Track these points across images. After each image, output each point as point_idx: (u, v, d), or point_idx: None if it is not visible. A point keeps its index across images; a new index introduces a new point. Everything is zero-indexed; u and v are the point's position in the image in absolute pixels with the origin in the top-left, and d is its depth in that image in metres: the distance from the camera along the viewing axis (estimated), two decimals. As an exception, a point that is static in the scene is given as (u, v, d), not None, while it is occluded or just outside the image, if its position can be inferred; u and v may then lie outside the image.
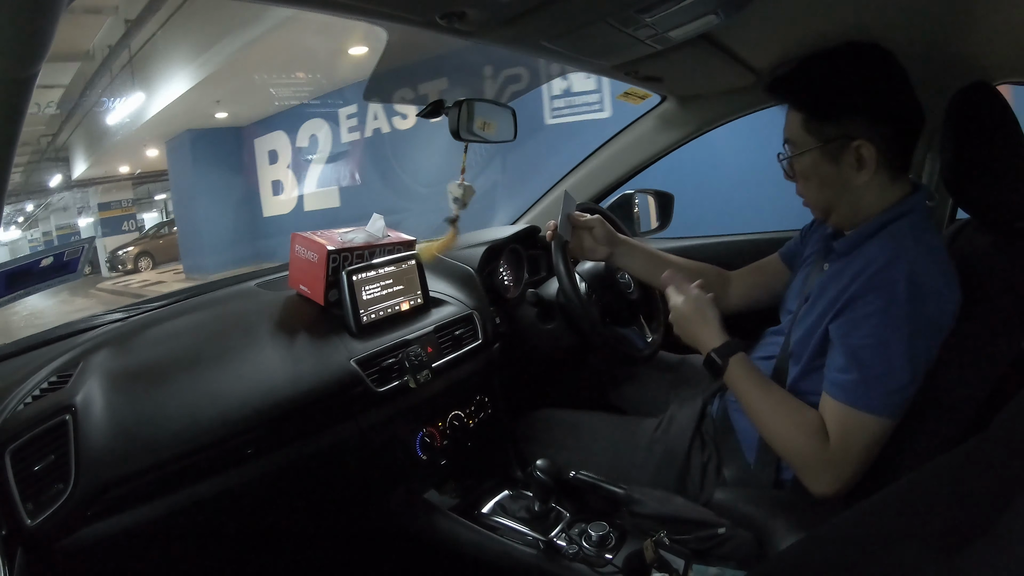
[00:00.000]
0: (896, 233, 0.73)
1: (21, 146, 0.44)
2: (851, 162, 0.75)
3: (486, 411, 1.11)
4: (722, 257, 1.40)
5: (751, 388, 0.79)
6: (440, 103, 0.94)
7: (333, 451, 0.84)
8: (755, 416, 0.78)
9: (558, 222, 0.97)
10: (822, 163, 0.77)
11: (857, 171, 0.75)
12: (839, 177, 0.77)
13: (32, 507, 0.61)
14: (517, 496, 0.97)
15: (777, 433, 0.76)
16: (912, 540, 0.37)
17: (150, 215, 16.76)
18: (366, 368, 0.88)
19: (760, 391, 0.78)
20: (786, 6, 0.82)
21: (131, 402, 0.71)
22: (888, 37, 0.85)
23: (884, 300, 0.69)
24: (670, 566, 0.75)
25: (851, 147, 0.74)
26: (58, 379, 0.73)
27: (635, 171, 1.45)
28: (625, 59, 0.96)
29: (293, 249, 0.96)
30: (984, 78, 0.85)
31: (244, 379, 0.79)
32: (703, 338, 0.84)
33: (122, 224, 14.66)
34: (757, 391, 0.78)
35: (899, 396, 0.69)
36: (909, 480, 0.44)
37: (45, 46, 0.38)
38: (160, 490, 0.68)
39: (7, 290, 0.68)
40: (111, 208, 14.58)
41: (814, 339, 0.77)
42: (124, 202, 15.01)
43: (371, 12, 0.69)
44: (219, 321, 0.89)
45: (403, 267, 1.00)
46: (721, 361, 0.81)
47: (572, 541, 0.84)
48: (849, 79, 0.76)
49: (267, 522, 0.81)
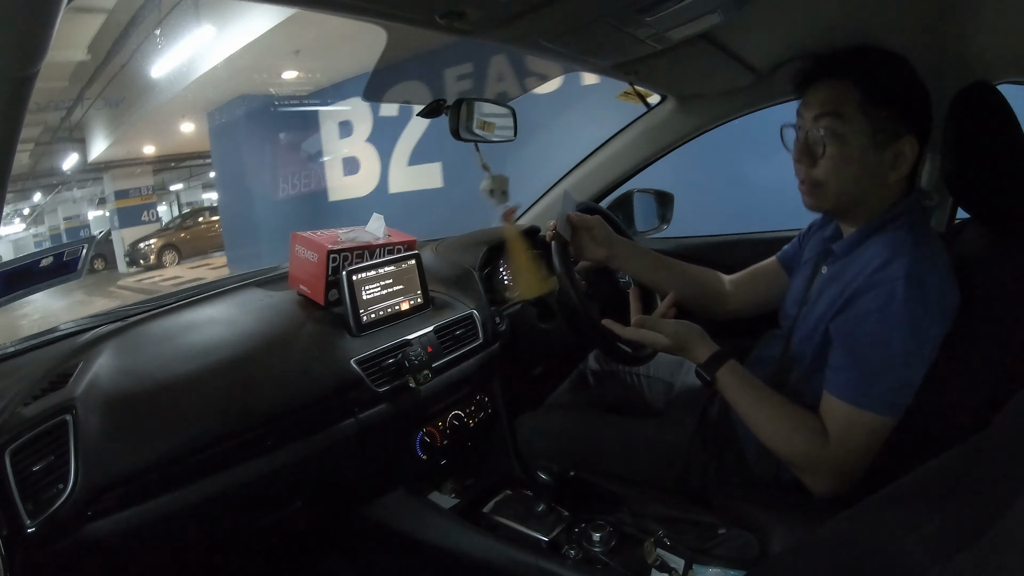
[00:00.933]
0: (895, 232, 0.73)
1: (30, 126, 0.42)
2: (890, 157, 0.73)
3: (486, 411, 1.11)
4: (721, 257, 1.40)
5: (744, 396, 0.78)
6: (440, 102, 0.94)
7: (333, 451, 0.84)
8: (752, 422, 0.77)
9: (558, 222, 0.97)
10: (868, 148, 0.73)
11: (892, 167, 0.74)
12: (877, 168, 0.74)
13: (32, 507, 0.61)
14: (517, 496, 0.97)
15: (775, 437, 0.75)
16: (912, 540, 0.37)
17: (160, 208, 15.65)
18: (366, 368, 0.88)
19: (754, 398, 0.77)
20: (786, 6, 0.82)
21: (131, 402, 0.71)
22: (888, 37, 0.85)
23: (884, 298, 0.69)
24: (670, 566, 0.76)
25: (899, 141, 0.73)
26: (58, 379, 0.73)
27: (635, 171, 1.45)
28: (625, 59, 0.96)
29: (293, 249, 0.96)
30: (984, 78, 0.85)
31: (244, 379, 0.79)
32: (692, 356, 0.82)
33: (141, 214, 13.15)
34: (751, 398, 0.77)
35: (899, 394, 0.69)
36: (909, 480, 0.44)
37: (45, 46, 0.38)
38: (159, 490, 0.68)
39: (6, 290, 0.68)
40: (129, 196, 13.01)
41: (815, 341, 0.77)
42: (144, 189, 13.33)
43: (371, 12, 0.69)
44: (219, 321, 0.89)
45: (403, 267, 1.00)
46: (711, 372, 0.79)
47: (572, 541, 0.84)
48: (907, 77, 0.74)
49: (267, 521, 0.81)
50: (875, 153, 0.73)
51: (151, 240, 11.52)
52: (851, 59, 0.76)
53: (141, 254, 11.37)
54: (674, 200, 1.44)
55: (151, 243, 11.44)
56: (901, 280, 0.68)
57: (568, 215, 0.97)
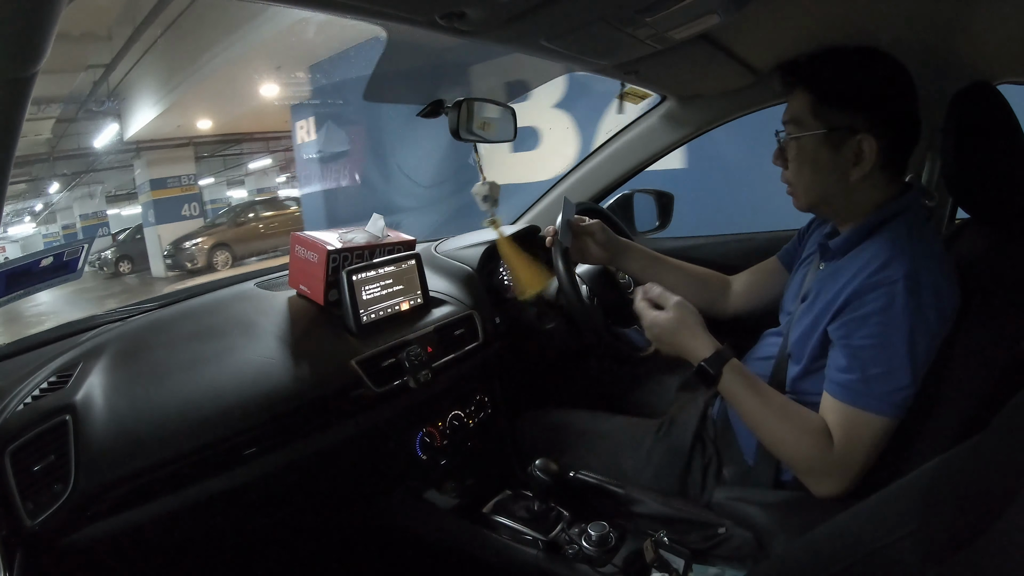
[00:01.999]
0: (893, 232, 0.73)
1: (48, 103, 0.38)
2: (850, 155, 0.75)
3: (486, 411, 1.11)
4: (722, 256, 1.41)
5: (748, 396, 0.77)
6: (440, 103, 0.94)
7: (333, 451, 0.84)
8: (754, 424, 0.77)
9: (558, 227, 0.97)
10: (822, 149, 0.77)
11: (854, 165, 0.76)
12: (835, 167, 0.77)
13: (32, 507, 0.61)
14: (517, 496, 0.97)
15: (779, 439, 0.75)
16: (911, 540, 0.37)
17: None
18: (366, 368, 0.88)
19: (758, 399, 0.76)
20: (786, 6, 0.82)
21: (131, 402, 0.71)
22: (888, 37, 0.85)
23: (884, 300, 0.69)
24: (670, 566, 0.76)
25: (854, 139, 0.75)
26: (58, 379, 0.73)
27: (635, 171, 1.45)
28: (625, 59, 0.96)
29: (293, 249, 0.96)
30: (984, 78, 0.85)
31: (244, 379, 0.79)
32: (692, 349, 0.80)
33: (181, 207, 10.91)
34: (755, 399, 0.76)
35: (901, 395, 0.69)
36: (909, 480, 0.44)
37: (45, 46, 0.38)
38: (160, 490, 0.68)
39: (7, 290, 0.68)
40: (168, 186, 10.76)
41: (813, 340, 0.77)
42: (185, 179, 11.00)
43: (371, 12, 0.69)
44: (219, 321, 0.89)
45: (403, 267, 1.00)
46: (714, 371, 0.78)
47: (572, 541, 0.84)
48: (867, 75, 0.76)
49: (267, 522, 0.81)
50: (830, 153, 0.76)
51: (198, 238, 9.73)
52: (806, 65, 0.80)
53: (187, 255, 9.56)
54: (674, 200, 1.44)
55: (198, 242, 9.66)
56: (900, 282, 0.68)
57: (568, 220, 0.97)
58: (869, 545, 0.41)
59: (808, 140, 0.78)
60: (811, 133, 0.77)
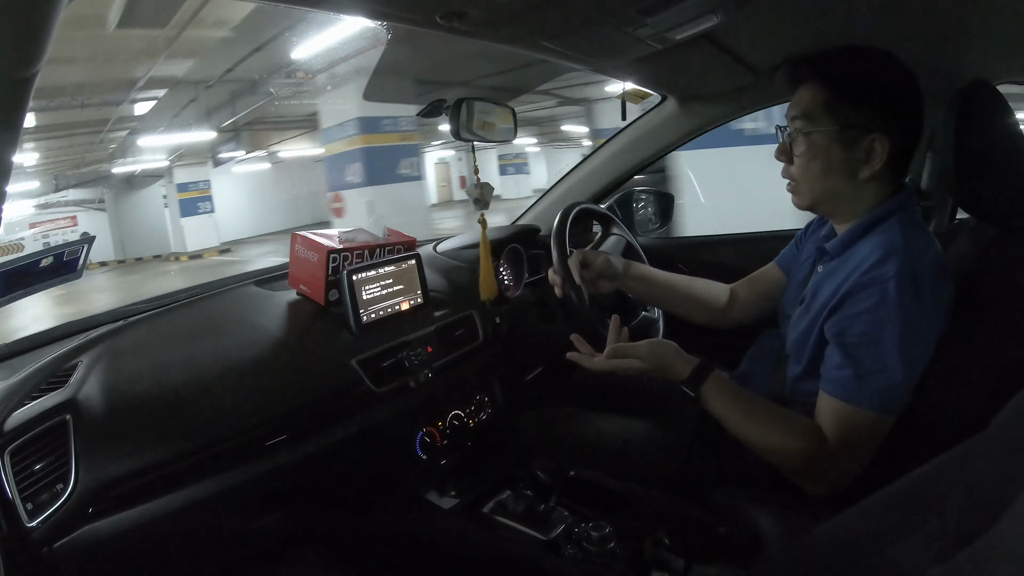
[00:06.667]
0: (887, 231, 0.73)
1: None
2: (860, 153, 0.75)
3: (486, 411, 1.11)
4: (722, 256, 1.41)
5: (732, 411, 0.77)
6: (440, 102, 0.94)
7: (333, 451, 0.84)
8: (742, 434, 0.76)
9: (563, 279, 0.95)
10: (834, 146, 0.76)
11: (864, 163, 0.75)
12: (845, 164, 0.76)
13: (32, 507, 0.61)
14: (517, 496, 0.97)
15: (769, 445, 0.75)
16: (911, 541, 0.37)
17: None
18: (366, 368, 0.88)
19: (742, 409, 0.76)
20: (786, 6, 0.82)
21: (131, 402, 0.71)
22: (888, 36, 0.85)
23: (876, 297, 0.69)
24: (670, 566, 0.76)
25: (867, 138, 0.74)
26: (58, 379, 0.73)
27: (635, 171, 1.45)
28: (625, 59, 0.96)
29: (293, 249, 0.96)
30: (984, 78, 0.85)
31: (244, 379, 0.79)
32: (673, 376, 0.81)
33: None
34: (738, 410, 0.76)
35: (894, 392, 0.69)
36: (909, 480, 0.44)
37: (45, 47, 0.38)
38: (159, 490, 0.68)
39: (6, 290, 0.68)
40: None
41: (811, 341, 0.77)
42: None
43: (371, 12, 0.69)
44: (219, 321, 0.89)
45: (403, 267, 1.00)
46: (694, 393, 0.78)
47: (572, 541, 0.84)
48: (883, 74, 0.75)
49: (266, 522, 0.81)
50: (842, 150, 0.75)
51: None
52: (821, 60, 0.78)
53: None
54: (674, 200, 1.44)
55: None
56: (893, 279, 0.68)
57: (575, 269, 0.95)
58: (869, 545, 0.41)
59: (820, 136, 0.76)
60: (824, 129, 0.76)
